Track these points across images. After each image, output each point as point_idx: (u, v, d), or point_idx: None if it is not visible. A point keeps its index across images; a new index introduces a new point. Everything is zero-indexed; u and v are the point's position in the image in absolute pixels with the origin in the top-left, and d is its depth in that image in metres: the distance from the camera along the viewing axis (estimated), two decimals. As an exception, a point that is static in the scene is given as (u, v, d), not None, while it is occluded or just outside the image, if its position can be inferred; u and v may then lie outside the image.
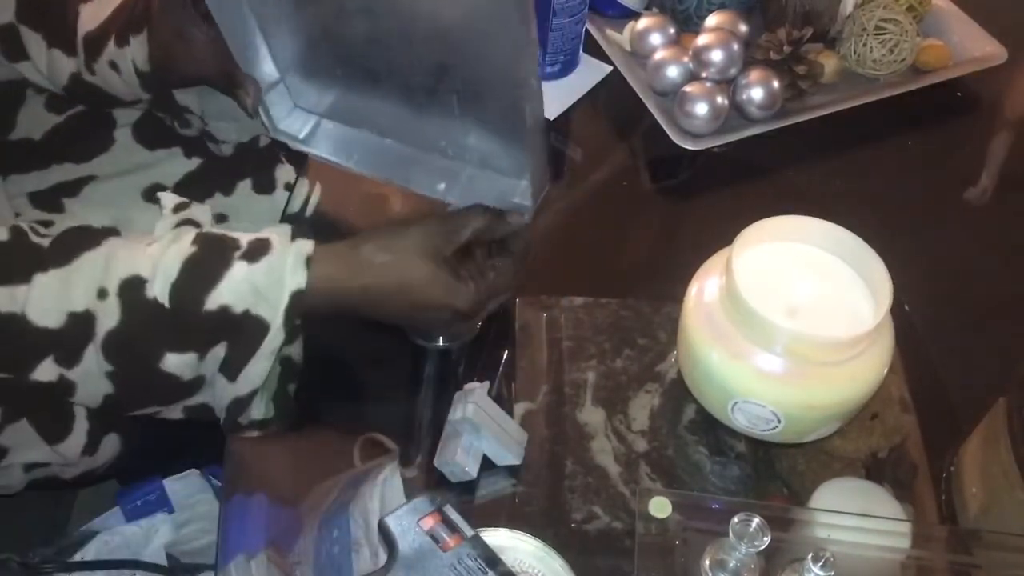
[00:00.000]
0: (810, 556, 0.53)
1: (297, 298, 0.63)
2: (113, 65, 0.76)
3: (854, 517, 0.60)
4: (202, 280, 0.62)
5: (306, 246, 0.64)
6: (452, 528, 0.56)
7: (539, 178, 0.69)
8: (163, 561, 0.86)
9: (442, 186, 0.72)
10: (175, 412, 0.69)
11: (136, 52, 0.74)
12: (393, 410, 0.73)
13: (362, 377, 0.76)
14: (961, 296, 0.82)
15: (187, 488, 0.92)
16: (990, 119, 1.01)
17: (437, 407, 0.71)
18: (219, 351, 0.64)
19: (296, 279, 0.63)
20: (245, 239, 0.64)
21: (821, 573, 0.53)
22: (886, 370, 0.63)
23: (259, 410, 0.68)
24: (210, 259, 0.63)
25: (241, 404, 0.66)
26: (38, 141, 0.87)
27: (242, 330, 0.63)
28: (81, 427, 0.75)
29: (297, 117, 0.75)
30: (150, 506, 0.90)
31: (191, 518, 0.92)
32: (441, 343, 0.75)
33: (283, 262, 0.63)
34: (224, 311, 0.62)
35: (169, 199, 0.72)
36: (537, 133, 0.65)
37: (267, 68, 0.73)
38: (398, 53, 0.67)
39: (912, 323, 0.76)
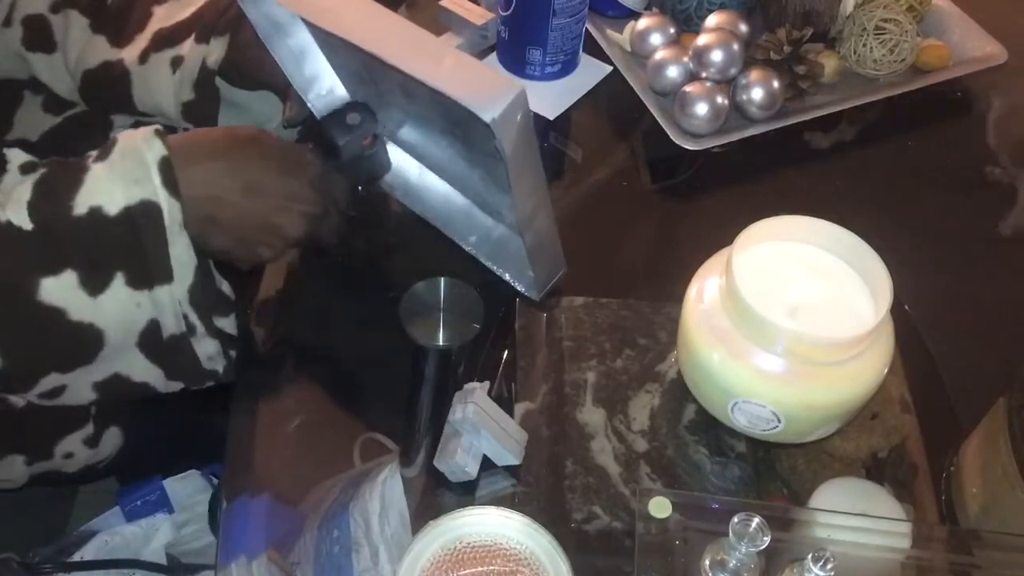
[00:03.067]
0: (810, 556, 0.53)
1: (165, 166, 0.61)
2: (176, 61, 0.78)
3: (854, 517, 0.60)
4: (62, 188, 0.60)
5: (151, 127, 0.63)
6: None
7: (546, 273, 0.71)
8: (163, 561, 0.87)
9: (473, 239, 0.74)
10: (82, 388, 0.65)
11: (212, 52, 0.77)
12: (393, 410, 0.73)
13: (362, 377, 0.76)
14: (961, 296, 0.82)
15: (187, 488, 0.93)
16: (990, 119, 1.00)
17: (437, 407, 0.71)
18: (118, 284, 0.60)
19: (154, 150, 0.61)
20: (92, 152, 0.63)
21: (821, 573, 0.53)
22: (886, 370, 0.63)
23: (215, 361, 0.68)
24: (63, 171, 0.61)
25: (201, 293, 0.64)
26: (35, 143, 0.87)
27: (136, 231, 0.60)
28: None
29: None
30: (150, 506, 0.90)
31: (191, 518, 0.92)
32: (441, 343, 0.75)
33: (134, 143, 0.62)
34: (96, 214, 0.59)
35: (17, 156, 0.67)
36: (542, 247, 0.68)
37: (338, 92, 0.76)
38: (433, 138, 0.71)
39: (912, 323, 0.76)
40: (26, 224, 0.58)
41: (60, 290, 0.59)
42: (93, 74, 0.80)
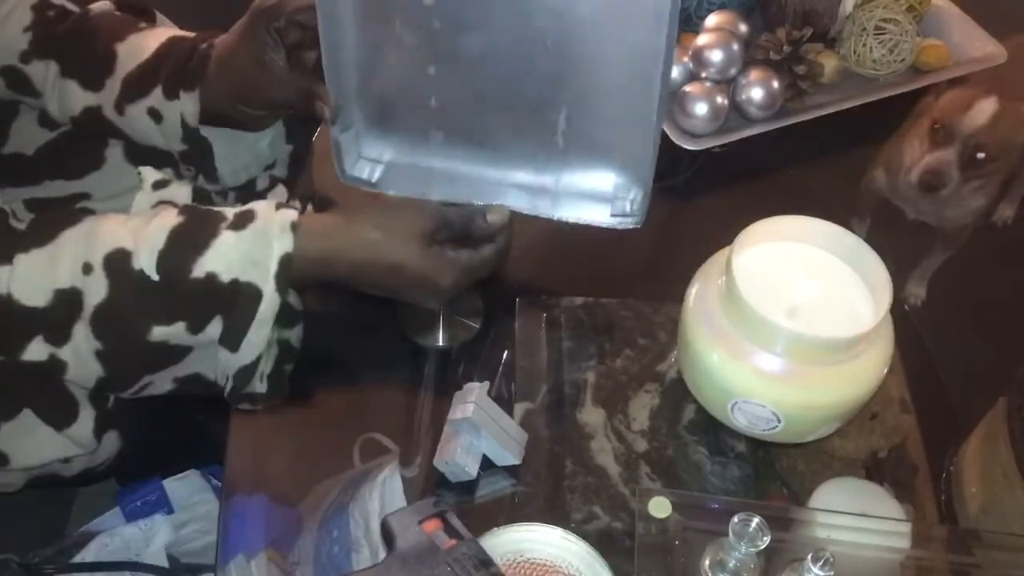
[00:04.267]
0: (810, 556, 0.53)
1: (286, 262, 0.64)
2: (154, 113, 0.77)
3: (854, 517, 0.60)
4: (189, 248, 0.63)
5: (290, 214, 0.66)
6: (452, 533, 0.56)
7: (649, 194, 0.69)
8: (163, 562, 0.86)
9: (533, 205, 0.73)
10: (165, 383, 0.69)
11: (185, 107, 0.75)
12: (393, 410, 0.73)
13: (362, 377, 0.76)
14: (961, 296, 0.82)
15: (187, 488, 0.92)
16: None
17: (437, 407, 0.71)
18: (214, 327, 0.64)
19: (283, 244, 0.64)
20: (231, 211, 0.66)
21: (821, 573, 0.53)
22: (886, 370, 0.63)
23: (258, 386, 0.69)
24: (197, 228, 0.64)
25: (247, 372, 0.67)
26: (30, 156, 0.87)
27: (235, 300, 0.63)
28: (87, 412, 0.75)
29: (364, 165, 0.77)
30: (150, 506, 0.90)
31: (191, 518, 0.92)
32: (441, 343, 0.75)
33: (269, 227, 0.64)
34: (211, 279, 0.63)
35: (150, 174, 0.73)
36: (657, 143, 0.66)
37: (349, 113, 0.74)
38: (511, 67, 0.67)
39: (912, 323, 0.76)
40: (153, 275, 0.63)
41: (167, 333, 0.64)
42: (80, 120, 0.80)
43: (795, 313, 0.64)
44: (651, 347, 0.76)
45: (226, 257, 0.63)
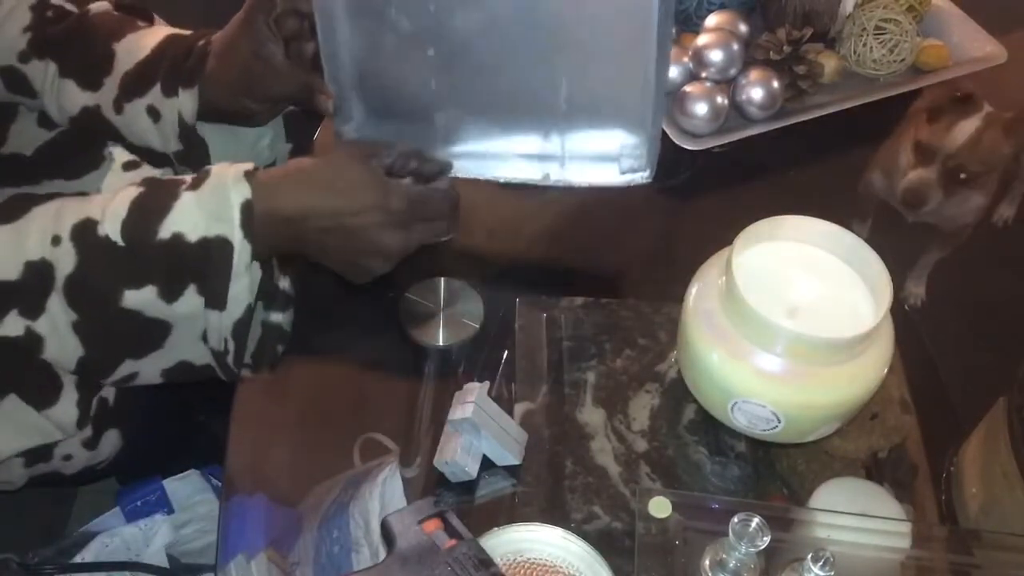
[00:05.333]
0: (810, 556, 0.53)
1: (247, 209, 0.65)
2: (152, 111, 0.77)
3: (854, 517, 0.60)
4: (152, 213, 0.64)
5: (245, 165, 0.67)
6: (452, 533, 0.56)
7: (656, 145, 0.68)
8: (163, 562, 0.86)
9: (543, 172, 0.72)
10: (153, 374, 0.69)
11: (183, 105, 0.76)
12: (393, 410, 0.73)
13: (362, 377, 0.76)
14: (961, 296, 0.82)
15: (187, 488, 0.92)
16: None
17: (437, 407, 0.71)
18: (190, 297, 0.65)
19: (240, 192, 0.65)
20: (189, 176, 0.67)
21: (821, 573, 0.53)
22: (886, 370, 0.63)
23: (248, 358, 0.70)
24: (158, 194, 0.65)
25: (243, 328, 0.67)
26: (29, 157, 0.87)
27: (208, 258, 0.64)
28: (70, 395, 0.75)
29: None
30: (150, 506, 0.90)
31: (191, 518, 0.92)
32: (441, 343, 0.75)
33: (224, 180, 0.65)
34: (178, 239, 0.64)
35: (121, 154, 0.74)
36: (661, 92, 0.65)
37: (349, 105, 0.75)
38: (510, 35, 0.68)
39: (912, 323, 0.76)
40: (119, 240, 0.64)
41: (140, 299, 0.64)
42: (78, 120, 0.80)
43: (795, 313, 0.64)
44: (651, 347, 0.76)
45: (190, 216, 0.64)
